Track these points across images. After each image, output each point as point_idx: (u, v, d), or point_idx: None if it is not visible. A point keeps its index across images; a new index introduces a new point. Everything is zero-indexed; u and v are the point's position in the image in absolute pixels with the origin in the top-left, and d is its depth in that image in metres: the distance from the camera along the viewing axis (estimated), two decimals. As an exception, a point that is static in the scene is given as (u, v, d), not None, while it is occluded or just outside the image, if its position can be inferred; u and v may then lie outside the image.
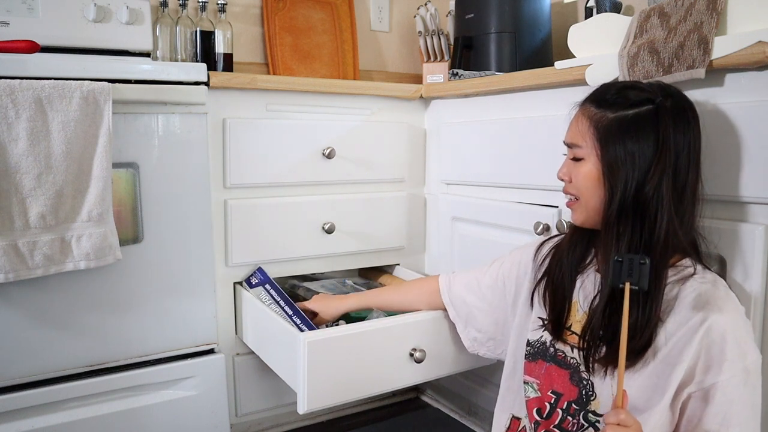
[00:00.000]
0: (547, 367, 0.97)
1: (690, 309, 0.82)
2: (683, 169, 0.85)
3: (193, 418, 1.35)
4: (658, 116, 0.85)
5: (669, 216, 0.84)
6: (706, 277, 0.86)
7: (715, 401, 0.80)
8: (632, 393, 0.84)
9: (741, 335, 0.81)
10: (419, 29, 1.81)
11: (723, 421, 0.80)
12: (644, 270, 0.79)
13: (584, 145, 0.91)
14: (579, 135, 0.92)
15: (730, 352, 0.79)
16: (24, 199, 1.09)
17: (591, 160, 0.90)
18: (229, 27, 1.69)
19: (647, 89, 0.88)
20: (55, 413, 1.21)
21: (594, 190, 0.90)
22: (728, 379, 0.79)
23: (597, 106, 0.90)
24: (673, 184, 0.85)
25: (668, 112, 0.85)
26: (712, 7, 0.95)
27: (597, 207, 0.90)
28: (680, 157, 0.85)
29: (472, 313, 1.16)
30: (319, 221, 1.49)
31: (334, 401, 1.15)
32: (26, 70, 1.11)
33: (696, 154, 0.87)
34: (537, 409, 0.97)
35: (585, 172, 0.91)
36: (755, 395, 0.82)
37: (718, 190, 0.95)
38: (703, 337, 0.80)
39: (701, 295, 0.83)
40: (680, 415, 0.84)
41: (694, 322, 0.81)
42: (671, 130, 0.85)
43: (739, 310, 0.84)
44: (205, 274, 1.35)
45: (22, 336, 1.17)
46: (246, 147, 1.39)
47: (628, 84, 0.93)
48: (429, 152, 1.67)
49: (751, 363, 0.81)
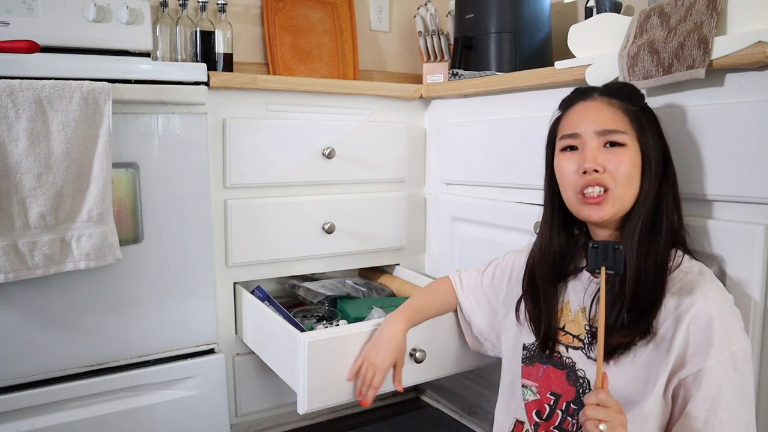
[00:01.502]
0: (545, 369, 0.97)
1: (677, 297, 0.83)
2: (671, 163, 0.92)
3: (193, 418, 1.35)
4: (652, 112, 0.93)
5: (673, 207, 0.89)
6: (693, 267, 0.87)
7: (703, 387, 0.80)
8: (626, 384, 0.85)
9: (727, 321, 0.81)
10: (419, 29, 1.81)
11: (711, 407, 0.80)
12: (618, 255, 0.80)
13: (627, 131, 0.88)
14: (615, 121, 0.88)
15: (717, 338, 0.80)
16: (24, 199, 1.09)
17: (633, 147, 0.88)
18: (229, 27, 1.69)
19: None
20: (55, 413, 1.21)
21: (635, 179, 0.88)
22: (715, 364, 0.80)
23: (619, 98, 0.91)
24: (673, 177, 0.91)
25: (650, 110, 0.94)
26: (712, 7, 0.95)
27: (632, 198, 0.89)
28: (668, 151, 0.92)
29: (475, 312, 1.18)
30: (319, 221, 1.49)
31: (334, 401, 1.15)
32: (26, 70, 1.11)
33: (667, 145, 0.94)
34: (536, 411, 0.97)
35: (630, 160, 0.87)
36: (745, 382, 0.81)
37: (718, 191, 0.95)
38: (689, 323, 0.81)
39: (687, 283, 0.84)
40: (673, 404, 0.84)
41: (681, 309, 0.82)
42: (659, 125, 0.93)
43: (725, 297, 0.84)
44: (205, 274, 1.35)
45: (22, 336, 1.17)
46: (246, 147, 1.39)
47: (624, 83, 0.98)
48: (429, 152, 1.67)
49: (739, 350, 0.81)
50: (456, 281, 1.21)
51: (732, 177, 0.93)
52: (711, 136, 0.95)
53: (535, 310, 0.98)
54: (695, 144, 0.97)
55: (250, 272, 1.45)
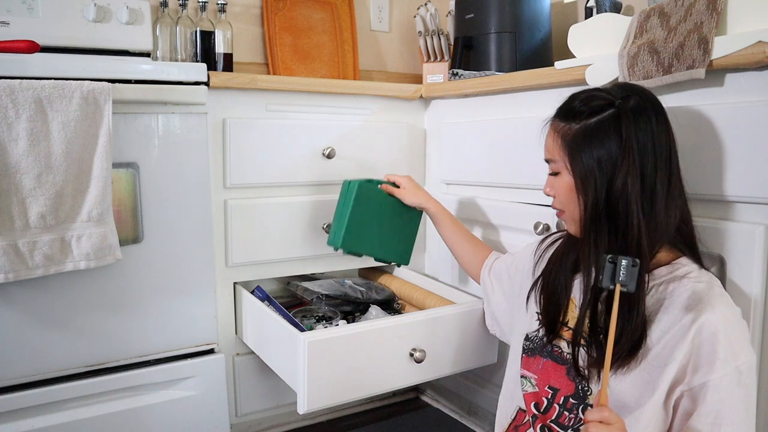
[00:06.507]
0: (544, 363, 0.97)
1: (683, 308, 0.82)
2: (650, 166, 0.85)
3: (193, 418, 1.35)
4: (620, 118, 0.85)
5: (639, 215, 0.84)
6: (702, 278, 0.85)
7: (707, 400, 0.80)
8: (624, 390, 0.85)
9: (734, 335, 0.81)
10: (419, 29, 1.81)
11: (715, 421, 0.79)
12: (634, 272, 0.78)
13: (557, 159, 0.92)
14: (551, 150, 0.94)
15: (722, 351, 0.79)
16: (24, 199, 1.09)
17: (565, 173, 0.92)
18: (229, 27, 1.69)
19: (609, 93, 0.89)
20: (55, 413, 1.21)
21: (573, 202, 0.91)
22: (720, 378, 0.79)
23: (563, 120, 0.92)
24: (641, 182, 0.84)
25: (629, 112, 0.85)
26: (712, 7, 0.95)
27: (579, 217, 0.91)
28: (645, 154, 0.85)
29: (496, 296, 1.21)
30: (319, 221, 1.49)
31: (334, 401, 1.15)
32: (26, 70, 1.11)
33: (662, 148, 0.86)
34: (534, 403, 0.98)
35: (562, 185, 0.92)
36: (748, 396, 0.81)
37: (718, 191, 0.95)
38: (694, 335, 0.80)
39: (694, 294, 0.83)
40: (674, 414, 0.84)
41: (686, 320, 0.81)
42: (633, 128, 0.84)
43: (733, 310, 0.84)
44: (205, 274, 1.35)
45: (22, 336, 1.17)
46: (246, 147, 1.39)
47: (592, 91, 0.92)
48: (429, 152, 1.67)
49: (744, 363, 0.80)
50: (488, 263, 1.26)
51: (732, 177, 0.93)
52: (711, 136, 0.95)
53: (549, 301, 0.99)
54: (695, 144, 0.97)
55: (250, 272, 1.45)
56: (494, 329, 1.27)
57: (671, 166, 0.87)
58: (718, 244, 0.95)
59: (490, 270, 1.24)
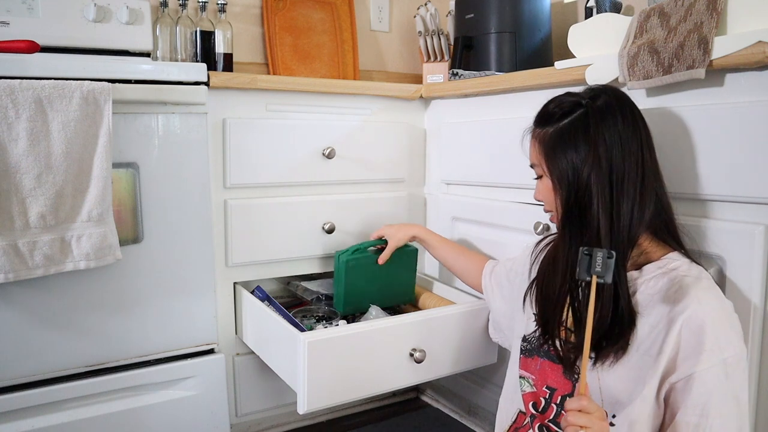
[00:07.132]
0: (542, 363, 0.98)
1: (671, 301, 0.83)
2: (617, 162, 0.86)
3: (193, 418, 1.35)
4: (588, 117, 0.88)
5: (606, 211, 0.85)
6: (691, 272, 0.86)
7: (693, 392, 0.80)
8: (615, 385, 0.85)
9: (721, 328, 0.81)
10: (419, 29, 1.81)
11: (702, 412, 0.80)
12: (610, 264, 0.80)
13: (537, 164, 0.96)
14: (532, 156, 0.98)
15: (709, 343, 0.80)
16: (24, 199, 1.09)
17: (545, 176, 0.95)
18: (229, 27, 1.69)
19: (579, 95, 0.92)
20: (55, 413, 1.21)
21: (555, 203, 0.94)
22: (706, 369, 0.79)
23: (540, 125, 0.96)
24: (608, 179, 0.86)
25: (597, 110, 0.88)
26: (712, 7, 0.95)
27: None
28: (613, 150, 0.86)
29: (497, 302, 1.22)
30: (319, 221, 1.49)
31: (334, 401, 1.15)
32: (26, 70, 1.11)
33: (631, 144, 0.87)
34: (533, 403, 0.98)
35: (544, 188, 0.96)
36: (738, 388, 0.81)
37: (718, 191, 0.95)
38: (681, 327, 0.81)
39: (682, 288, 0.83)
40: (665, 408, 0.84)
41: (674, 313, 0.82)
42: (600, 126, 0.87)
43: (722, 303, 0.84)
44: (205, 274, 1.35)
45: (22, 336, 1.17)
46: (246, 147, 1.39)
47: (564, 95, 0.95)
48: (429, 152, 1.67)
49: (732, 356, 0.80)
50: (487, 270, 1.27)
51: (732, 177, 0.93)
52: (711, 136, 0.95)
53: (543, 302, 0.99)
54: (695, 144, 0.97)
55: (250, 272, 1.45)
56: (496, 337, 1.28)
57: (643, 162, 0.88)
58: (718, 244, 0.95)
59: (491, 275, 1.25)
